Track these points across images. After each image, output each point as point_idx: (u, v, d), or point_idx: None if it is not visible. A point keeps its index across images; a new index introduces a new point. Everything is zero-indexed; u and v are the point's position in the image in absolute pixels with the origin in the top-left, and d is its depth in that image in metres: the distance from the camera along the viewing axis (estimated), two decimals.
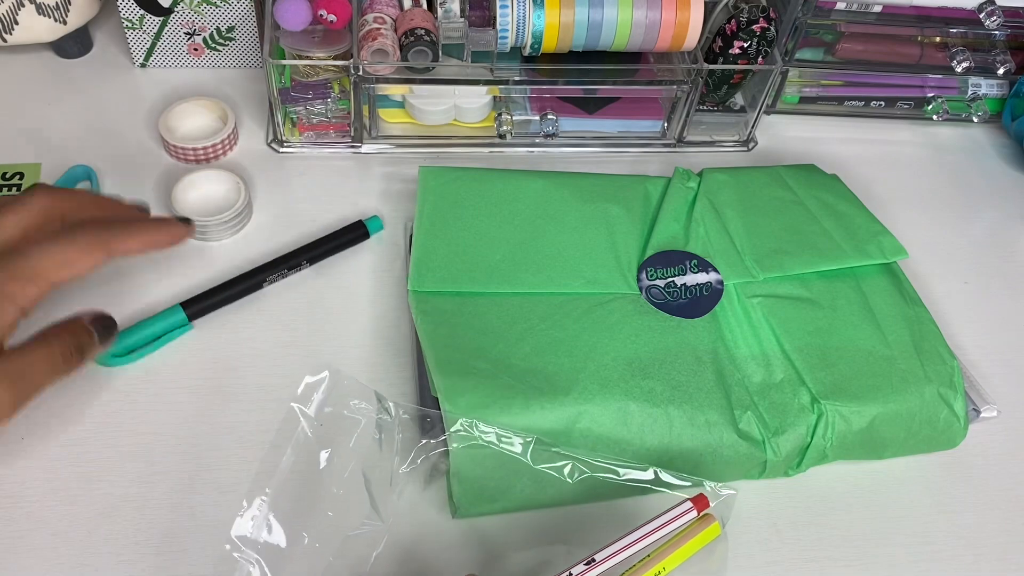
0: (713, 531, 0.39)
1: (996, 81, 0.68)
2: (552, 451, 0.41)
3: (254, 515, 0.38)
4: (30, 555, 0.41)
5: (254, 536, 0.38)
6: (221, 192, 0.55)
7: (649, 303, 0.48)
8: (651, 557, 0.38)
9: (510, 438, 0.41)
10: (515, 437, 0.41)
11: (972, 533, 0.46)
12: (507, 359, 0.44)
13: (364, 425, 0.42)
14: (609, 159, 0.63)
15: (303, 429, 0.41)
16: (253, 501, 0.39)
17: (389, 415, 0.42)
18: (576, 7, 0.56)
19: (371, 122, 0.60)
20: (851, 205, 0.56)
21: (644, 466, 0.41)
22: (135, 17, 0.61)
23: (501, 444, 0.41)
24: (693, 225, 0.52)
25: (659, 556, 0.38)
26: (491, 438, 0.41)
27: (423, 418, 0.45)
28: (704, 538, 0.39)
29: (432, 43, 0.56)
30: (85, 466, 0.44)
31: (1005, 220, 0.64)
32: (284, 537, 0.39)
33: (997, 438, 0.50)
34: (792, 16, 0.62)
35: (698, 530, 0.39)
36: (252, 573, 0.37)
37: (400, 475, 0.42)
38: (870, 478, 0.48)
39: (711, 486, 0.41)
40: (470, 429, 0.41)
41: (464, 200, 0.52)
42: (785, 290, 0.50)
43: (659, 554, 0.38)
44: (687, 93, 0.61)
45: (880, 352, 0.48)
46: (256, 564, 0.37)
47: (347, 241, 0.54)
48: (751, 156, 0.65)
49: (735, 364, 0.46)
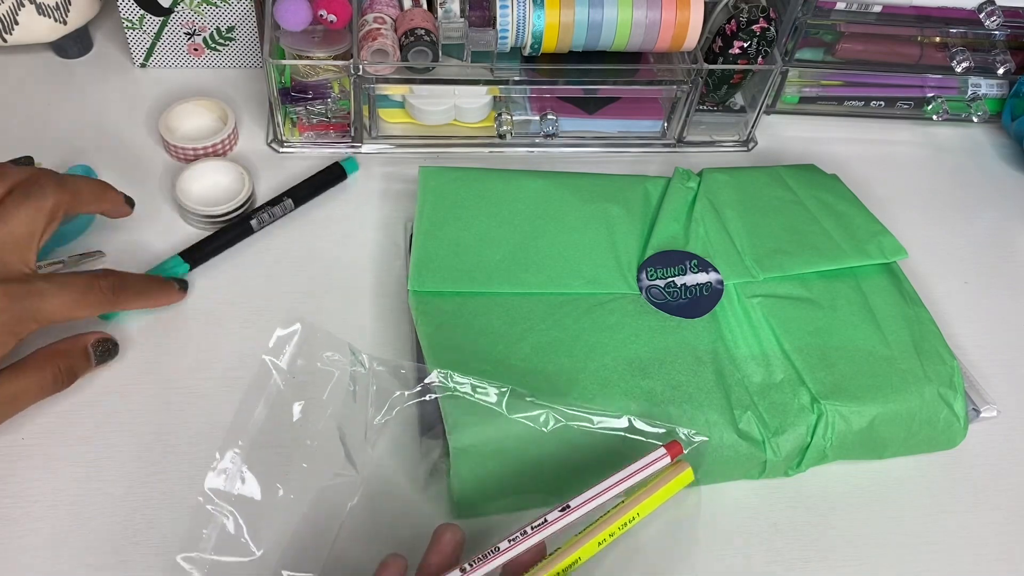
0: (686, 477, 0.39)
1: (996, 81, 0.68)
2: (527, 400, 0.41)
3: (227, 468, 0.39)
4: (30, 555, 0.41)
5: (227, 489, 0.38)
6: (225, 183, 0.56)
7: (649, 303, 0.48)
8: (625, 503, 0.38)
9: (485, 388, 0.41)
10: (490, 387, 0.41)
11: (972, 533, 0.46)
12: (507, 359, 0.44)
13: (338, 377, 0.42)
14: (609, 159, 0.63)
15: (275, 382, 0.41)
16: (226, 454, 0.39)
17: (363, 367, 0.42)
18: (576, 7, 0.56)
19: (371, 122, 0.60)
20: (851, 205, 0.56)
21: (618, 414, 0.42)
22: (135, 17, 0.61)
23: (476, 394, 0.41)
24: (693, 225, 0.52)
25: (633, 503, 0.38)
26: (466, 389, 0.41)
27: (422, 416, 0.45)
28: (677, 484, 0.39)
29: (432, 43, 0.56)
30: (85, 466, 0.44)
31: (1005, 220, 0.64)
32: (258, 489, 0.39)
33: (997, 438, 0.50)
34: (792, 16, 0.62)
35: (671, 476, 0.39)
36: (226, 525, 0.37)
37: (374, 427, 0.42)
38: (870, 478, 0.48)
39: (684, 433, 0.41)
40: (445, 380, 0.41)
41: (464, 200, 0.52)
42: (785, 290, 0.50)
43: (633, 500, 0.38)
44: (687, 93, 0.61)
45: (880, 352, 0.48)
46: (230, 516, 0.38)
47: (326, 181, 0.57)
48: (751, 156, 0.65)
49: (735, 364, 0.46)
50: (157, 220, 0.55)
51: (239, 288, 0.52)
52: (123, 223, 0.53)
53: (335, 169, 0.58)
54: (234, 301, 0.51)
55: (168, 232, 0.54)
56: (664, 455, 0.40)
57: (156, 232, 0.54)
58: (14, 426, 0.44)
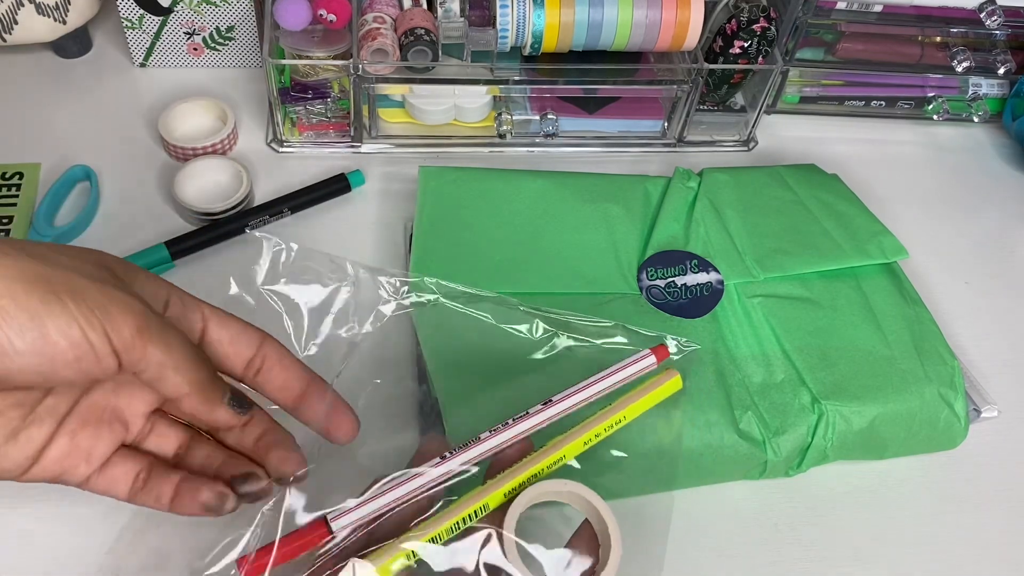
0: (674, 384, 0.39)
1: (996, 81, 0.68)
2: (520, 310, 0.42)
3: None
4: (30, 555, 0.41)
5: None
6: (224, 180, 0.56)
7: (649, 303, 0.48)
8: (612, 407, 0.37)
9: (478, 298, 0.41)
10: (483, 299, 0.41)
11: (972, 533, 0.46)
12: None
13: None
14: (609, 159, 0.63)
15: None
16: None
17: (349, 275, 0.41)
18: (576, 7, 0.56)
19: (371, 122, 0.60)
20: (851, 205, 0.56)
21: (608, 321, 0.42)
22: (135, 17, 0.61)
23: (467, 308, 0.42)
24: (693, 225, 0.52)
25: (619, 405, 0.37)
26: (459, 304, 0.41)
27: (421, 406, 0.45)
28: (665, 391, 0.38)
29: (432, 43, 0.56)
30: None
31: (1006, 220, 0.64)
32: None
33: (998, 438, 0.50)
34: (792, 16, 0.62)
35: (659, 382, 0.38)
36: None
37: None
38: (870, 478, 0.48)
39: (674, 340, 0.40)
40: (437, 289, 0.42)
41: (464, 200, 0.52)
42: (785, 290, 0.50)
43: (620, 403, 0.37)
44: (687, 93, 0.60)
45: (881, 352, 0.47)
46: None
47: (328, 193, 0.56)
48: (751, 156, 0.65)
49: (735, 364, 0.46)
50: (157, 221, 0.54)
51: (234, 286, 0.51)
52: (122, 223, 0.53)
53: (339, 181, 0.57)
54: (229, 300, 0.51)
55: (167, 234, 0.53)
56: (650, 357, 0.39)
57: (156, 233, 0.53)
58: None
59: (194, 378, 0.33)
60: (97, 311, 0.30)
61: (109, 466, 0.36)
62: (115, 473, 0.36)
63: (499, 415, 0.37)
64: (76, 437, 0.35)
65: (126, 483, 0.36)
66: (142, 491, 0.36)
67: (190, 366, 0.33)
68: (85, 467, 0.35)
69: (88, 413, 0.35)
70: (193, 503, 0.35)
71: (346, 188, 0.57)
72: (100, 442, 0.35)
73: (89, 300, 0.30)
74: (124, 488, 0.36)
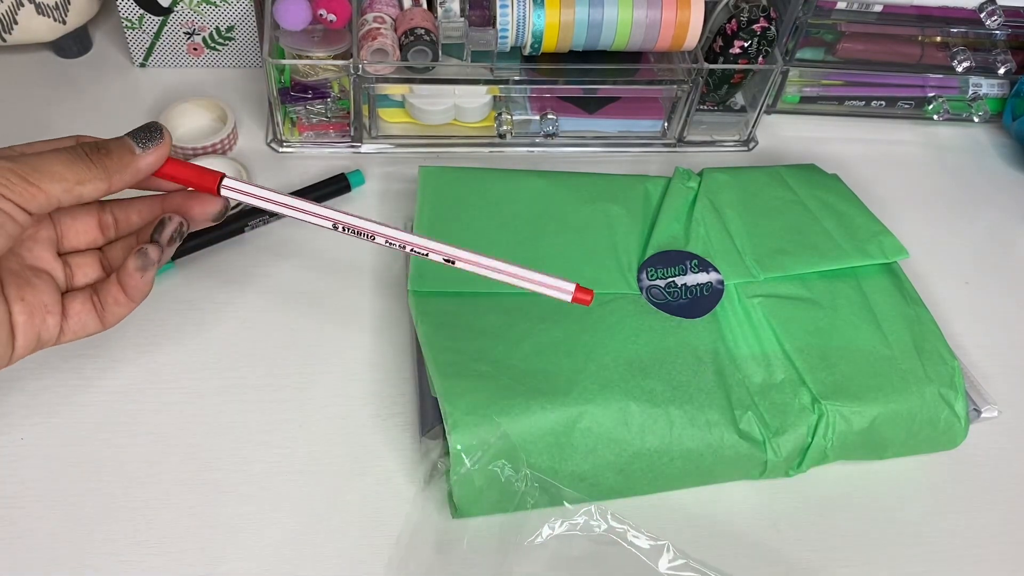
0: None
1: (997, 81, 0.68)
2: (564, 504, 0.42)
3: None
4: (30, 555, 0.41)
5: None
6: None
7: (649, 303, 0.48)
8: None
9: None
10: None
11: (972, 533, 0.46)
12: (507, 360, 0.44)
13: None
14: (609, 159, 0.63)
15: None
16: None
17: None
18: (576, 7, 0.56)
19: (371, 122, 0.60)
20: (852, 205, 0.56)
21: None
22: (134, 17, 0.61)
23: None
24: (693, 225, 0.52)
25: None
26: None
27: (422, 416, 0.45)
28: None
29: (432, 43, 0.55)
30: (86, 466, 0.44)
31: (1006, 220, 0.64)
32: None
33: (998, 438, 0.50)
34: (792, 16, 0.62)
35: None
36: None
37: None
38: (870, 478, 0.48)
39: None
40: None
41: (464, 200, 0.52)
42: (786, 290, 0.50)
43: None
44: (687, 93, 0.60)
45: (881, 352, 0.47)
46: None
47: (328, 193, 0.56)
48: (751, 156, 0.65)
49: (735, 364, 0.46)
50: None
51: (234, 287, 0.52)
52: None
53: (339, 181, 0.57)
54: (229, 300, 0.51)
55: None
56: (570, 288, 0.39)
57: None
58: (14, 426, 0.44)
59: (97, 171, 0.36)
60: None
61: (68, 311, 0.38)
62: (77, 312, 0.38)
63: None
64: (26, 299, 0.37)
65: (90, 313, 0.39)
66: (104, 311, 0.39)
67: (81, 167, 0.35)
68: (52, 319, 0.38)
69: (14, 279, 0.37)
70: (130, 277, 0.38)
71: (346, 188, 0.57)
72: (45, 294, 0.38)
73: None
74: (93, 319, 0.39)
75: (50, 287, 0.38)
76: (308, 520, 0.43)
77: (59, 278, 0.39)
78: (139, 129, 0.38)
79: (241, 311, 0.51)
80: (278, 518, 0.43)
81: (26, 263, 0.38)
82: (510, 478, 0.41)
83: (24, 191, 0.33)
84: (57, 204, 0.35)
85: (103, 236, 0.41)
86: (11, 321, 0.36)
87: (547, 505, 0.43)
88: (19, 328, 0.36)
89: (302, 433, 0.46)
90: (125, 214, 0.41)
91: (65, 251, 0.40)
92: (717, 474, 0.45)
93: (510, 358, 0.44)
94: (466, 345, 0.45)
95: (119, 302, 0.38)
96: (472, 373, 0.43)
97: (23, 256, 0.38)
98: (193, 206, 0.40)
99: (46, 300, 0.37)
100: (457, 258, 0.38)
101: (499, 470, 0.41)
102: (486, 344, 0.45)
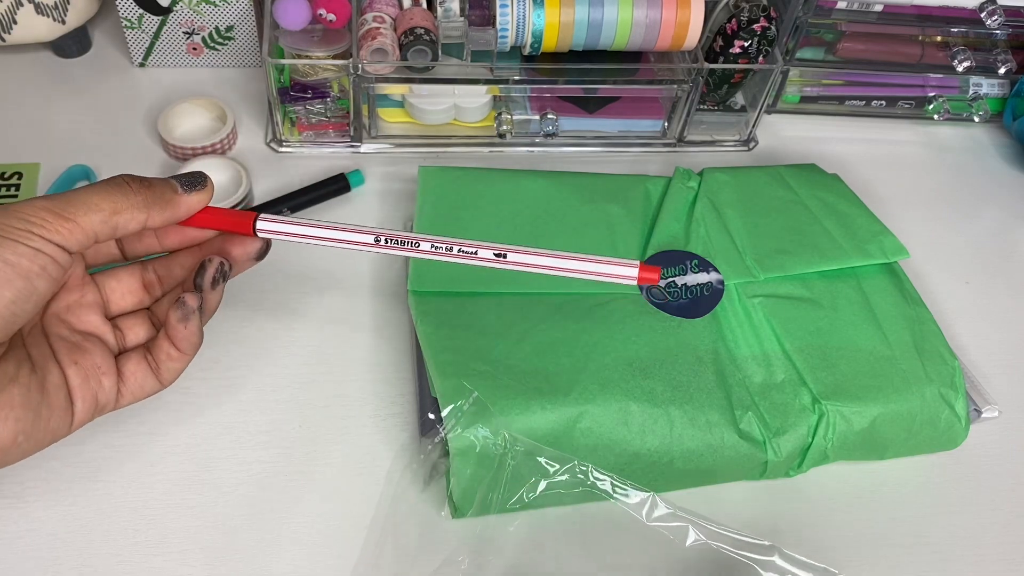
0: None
1: (997, 81, 0.68)
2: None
3: None
4: (30, 555, 0.40)
5: None
6: (223, 180, 0.56)
7: (650, 303, 0.48)
8: None
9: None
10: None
11: (972, 533, 0.46)
12: (507, 360, 0.44)
13: None
14: (609, 159, 0.63)
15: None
16: None
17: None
18: (576, 6, 0.56)
19: (371, 122, 0.60)
20: (852, 205, 0.55)
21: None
22: (134, 16, 0.61)
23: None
24: (694, 225, 0.52)
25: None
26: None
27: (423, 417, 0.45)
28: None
29: (432, 42, 0.55)
30: (85, 466, 0.44)
31: (1006, 220, 0.64)
32: None
33: (998, 438, 0.50)
34: (793, 15, 0.62)
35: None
36: None
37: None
38: (871, 478, 0.47)
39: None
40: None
41: (464, 200, 0.52)
42: (786, 290, 0.50)
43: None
44: (687, 92, 0.60)
45: (881, 352, 0.47)
46: None
47: (328, 192, 0.56)
48: (752, 156, 0.65)
49: (736, 364, 0.46)
50: None
51: (233, 286, 0.52)
52: None
53: (338, 180, 0.57)
54: (228, 300, 0.51)
55: None
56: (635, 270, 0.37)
57: None
58: None
59: (136, 199, 0.35)
60: (17, 224, 0.33)
61: (124, 373, 0.38)
62: (132, 373, 0.38)
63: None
64: (79, 363, 0.37)
65: (146, 373, 0.39)
66: (159, 369, 0.39)
67: (119, 195, 0.35)
68: (108, 381, 0.37)
69: (65, 344, 0.37)
70: (174, 331, 0.38)
71: (346, 188, 0.57)
72: (98, 356, 0.38)
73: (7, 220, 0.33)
74: (150, 378, 0.39)
75: (102, 350, 0.38)
76: (308, 520, 0.43)
77: (110, 341, 0.39)
78: (184, 174, 0.38)
79: (241, 311, 0.51)
80: (278, 518, 0.43)
81: (75, 328, 0.38)
82: (510, 475, 0.42)
83: (61, 227, 0.33)
84: (95, 237, 0.34)
85: (149, 295, 0.41)
86: (67, 384, 0.36)
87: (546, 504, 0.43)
88: (76, 392, 0.36)
89: (302, 433, 0.46)
90: (167, 269, 0.41)
91: (113, 315, 0.40)
92: (717, 474, 0.45)
93: (510, 358, 0.44)
94: (466, 345, 0.45)
95: (172, 357, 0.38)
96: (472, 373, 0.43)
97: (71, 322, 0.38)
98: (233, 247, 0.40)
99: (99, 362, 0.37)
100: (508, 251, 0.37)
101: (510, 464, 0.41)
102: (486, 344, 0.45)
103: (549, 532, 0.43)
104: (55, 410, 0.35)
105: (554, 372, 0.44)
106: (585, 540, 0.43)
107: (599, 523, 0.43)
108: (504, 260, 0.37)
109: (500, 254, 0.37)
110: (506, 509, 0.42)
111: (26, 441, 0.34)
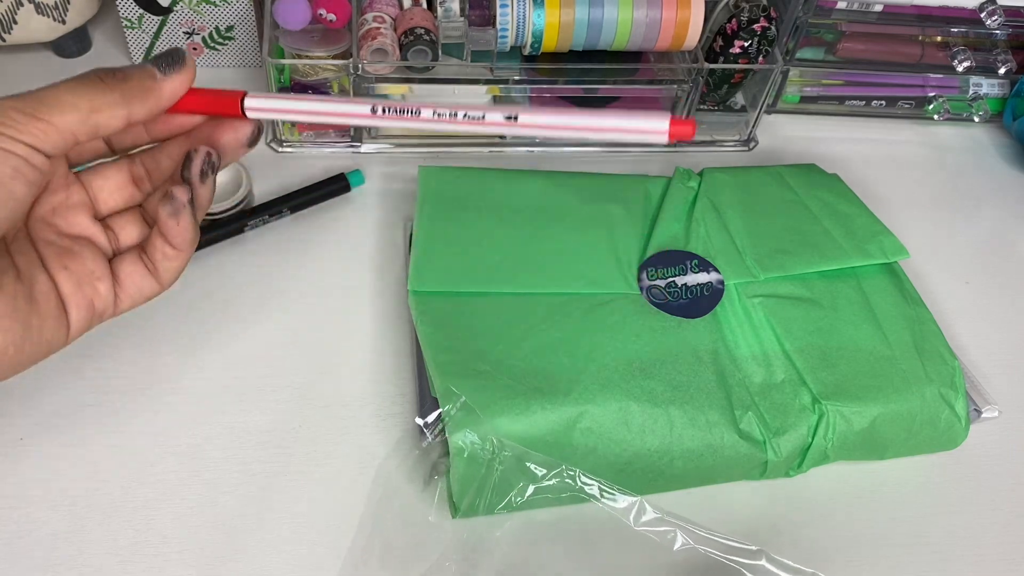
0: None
1: (997, 81, 0.68)
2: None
3: None
4: (30, 555, 0.41)
5: None
6: (223, 180, 0.56)
7: (650, 303, 0.48)
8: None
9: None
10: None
11: (972, 533, 0.46)
12: (507, 360, 0.44)
13: None
14: (609, 159, 0.63)
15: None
16: None
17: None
18: (576, 6, 0.56)
19: None
20: (852, 205, 0.55)
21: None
22: (134, 16, 0.61)
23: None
24: (694, 225, 0.52)
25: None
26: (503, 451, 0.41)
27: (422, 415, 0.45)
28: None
29: (432, 42, 0.55)
30: (85, 466, 0.44)
31: (1006, 220, 0.64)
32: None
33: (998, 438, 0.50)
34: (793, 15, 0.62)
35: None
36: None
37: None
38: (870, 478, 0.48)
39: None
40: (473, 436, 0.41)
41: (464, 200, 0.52)
42: (786, 290, 0.50)
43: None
44: (687, 92, 0.60)
45: (881, 352, 0.47)
46: None
47: (328, 192, 0.56)
48: (752, 156, 0.65)
49: (736, 364, 0.46)
50: None
51: (233, 286, 0.52)
52: None
53: (339, 180, 0.57)
54: (228, 299, 0.51)
55: None
56: (666, 123, 0.32)
57: None
58: (14, 426, 0.44)
59: (113, 96, 0.33)
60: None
61: (120, 276, 0.36)
62: (128, 275, 0.36)
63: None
64: (70, 268, 0.35)
65: (143, 274, 0.36)
66: (156, 269, 0.36)
67: (94, 92, 0.33)
68: (103, 286, 0.35)
69: (53, 249, 0.35)
70: (166, 227, 0.35)
71: (346, 188, 0.57)
72: (90, 260, 0.35)
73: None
74: (148, 280, 0.36)
75: (94, 253, 0.36)
76: (308, 520, 0.43)
77: (102, 243, 0.36)
78: (160, 54, 0.34)
79: (241, 311, 0.51)
80: (278, 518, 0.43)
81: (64, 232, 0.36)
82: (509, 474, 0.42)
83: (33, 128, 0.31)
84: (74, 139, 0.32)
85: (139, 191, 0.38)
86: (59, 293, 0.34)
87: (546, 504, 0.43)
88: (69, 299, 0.34)
89: (302, 433, 0.46)
90: (155, 162, 0.38)
91: (103, 214, 0.37)
92: (717, 474, 0.45)
93: (510, 358, 0.44)
94: (466, 345, 0.45)
95: (168, 256, 0.36)
96: (472, 373, 0.43)
97: (59, 226, 0.36)
98: (222, 134, 0.36)
99: (92, 267, 0.35)
100: (520, 112, 0.33)
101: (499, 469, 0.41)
102: (486, 344, 0.45)
103: (538, 536, 0.43)
104: (47, 319, 0.33)
105: (554, 372, 0.44)
106: (574, 545, 0.42)
107: (588, 528, 0.43)
108: (515, 123, 0.33)
109: (511, 116, 0.33)
110: (494, 512, 0.42)
111: (17, 352, 0.32)
